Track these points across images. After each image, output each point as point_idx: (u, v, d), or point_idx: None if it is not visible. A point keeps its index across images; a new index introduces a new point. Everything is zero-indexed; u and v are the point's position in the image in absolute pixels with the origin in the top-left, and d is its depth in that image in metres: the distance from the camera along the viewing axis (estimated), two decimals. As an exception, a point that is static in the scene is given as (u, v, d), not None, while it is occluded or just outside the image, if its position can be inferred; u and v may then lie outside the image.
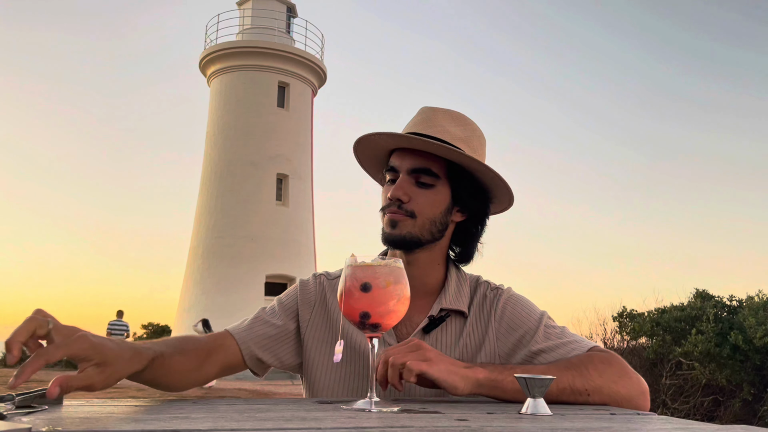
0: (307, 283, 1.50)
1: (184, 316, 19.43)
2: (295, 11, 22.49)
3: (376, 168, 1.53)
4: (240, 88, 20.51)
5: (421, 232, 1.38)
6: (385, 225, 1.40)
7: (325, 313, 1.46)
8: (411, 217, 1.37)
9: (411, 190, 1.38)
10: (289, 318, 1.46)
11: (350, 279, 1.08)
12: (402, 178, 1.39)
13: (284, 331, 1.45)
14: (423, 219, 1.38)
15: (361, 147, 1.48)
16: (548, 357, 1.35)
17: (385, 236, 1.40)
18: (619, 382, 1.27)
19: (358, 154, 1.51)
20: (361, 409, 1.04)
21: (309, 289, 1.48)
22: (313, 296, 1.47)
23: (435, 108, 1.45)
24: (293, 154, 20.70)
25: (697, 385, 10.17)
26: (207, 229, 19.87)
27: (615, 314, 11.48)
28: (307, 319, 1.46)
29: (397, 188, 1.37)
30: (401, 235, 1.37)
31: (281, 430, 0.81)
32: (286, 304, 1.47)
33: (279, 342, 1.44)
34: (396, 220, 1.37)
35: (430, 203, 1.38)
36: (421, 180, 1.38)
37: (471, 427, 0.88)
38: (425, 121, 1.42)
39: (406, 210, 1.37)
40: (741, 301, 10.54)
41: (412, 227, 1.37)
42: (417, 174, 1.38)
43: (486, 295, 1.46)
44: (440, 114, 1.43)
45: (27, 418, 0.85)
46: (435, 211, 1.39)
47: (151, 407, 1.02)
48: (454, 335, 1.42)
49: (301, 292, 1.48)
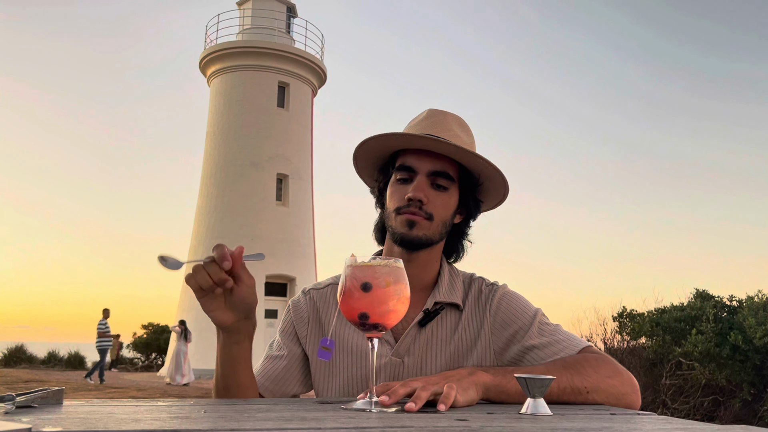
0: (298, 302, 1.53)
1: (184, 316, 19.40)
2: (295, 11, 22.48)
3: (372, 168, 1.53)
4: (240, 88, 20.49)
5: (434, 234, 1.40)
6: (399, 225, 1.40)
7: (319, 326, 1.49)
8: (429, 219, 1.39)
9: (428, 191, 1.39)
10: (293, 342, 1.51)
11: (350, 279, 1.08)
12: (421, 179, 1.39)
13: (293, 358, 1.49)
14: (438, 221, 1.40)
15: (370, 145, 1.46)
16: (540, 353, 1.38)
17: (400, 237, 1.40)
18: (614, 379, 1.30)
19: (362, 152, 1.49)
20: (361, 409, 1.04)
21: (301, 307, 1.52)
22: (306, 313, 1.51)
23: (445, 112, 1.47)
24: (293, 154, 20.68)
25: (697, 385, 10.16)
26: (207, 229, 19.85)
27: (615, 314, 11.47)
28: (305, 336, 1.50)
29: (418, 189, 1.38)
30: (418, 237, 1.39)
31: (281, 430, 0.81)
32: (286, 331, 1.52)
33: (291, 371, 1.48)
34: (415, 222, 1.38)
35: (444, 206, 1.41)
36: (438, 182, 1.40)
37: (471, 427, 0.88)
38: (438, 124, 1.43)
39: (425, 212, 1.38)
40: (741, 301, 10.53)
41: (427, 229, 1.39)
42: (435, 176, 1.40)
43: (482, 290, 1.49)
44: (450, 118, 1.46)
45: (27, 418, 0.85)
46: (447, 213, 1.42)
47: (151, 407, 1.02)
48: (450, 329, 1.44)
49: (294, 312, 1.52)
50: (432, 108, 1.49)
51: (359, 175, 1.56)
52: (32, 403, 0.97)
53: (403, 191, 1.40)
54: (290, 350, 1.49)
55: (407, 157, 1.42)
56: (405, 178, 1.41)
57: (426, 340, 1.42)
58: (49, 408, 0.97)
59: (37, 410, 0.94)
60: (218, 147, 20.40)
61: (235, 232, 19.37)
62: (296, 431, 0.81)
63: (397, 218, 1.40)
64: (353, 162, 1.53)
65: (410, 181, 1.40)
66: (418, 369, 1.40)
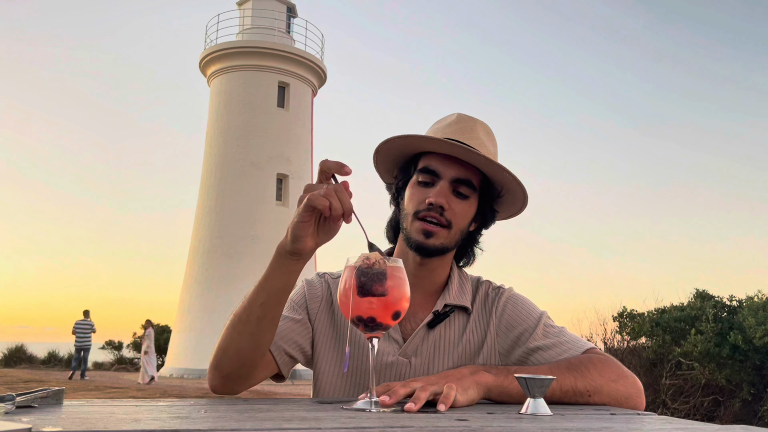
0: (312, 281, 1.51)
1: (185, 316, 19.42)
2: (295, 11, 22.48)
3: (392, 164, 1.50)
4: (240, 88, 20.48)
5: (450, 242, 1.39)
6: (416, 233, 1.37)
7: (330, 310, 1.47)
8: (447, 228, 1.37)
9: (450, 198, 1.37)
10: (304, 311, 1.47)
11: (351, 279, 1.08)
12: (444, 185, 1.37)
13: (303, 322, 1.45)
14: (456, 229, 1.39)
15: (395, 143, 1.43)
16: (545, 354, 1.38)
17: (417, 244, 1.38)
18: (618, 382, 1.29)
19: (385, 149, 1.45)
20: (361, 409, 1.04)
21: (315, 286, 1.50)
22: (320, 292, 1.49)
23: (474, 119, 1.45)
24: (293, 154, 20.67)
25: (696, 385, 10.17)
26: (207, 229, 19.85)
27: (615, 314, 11.48)
28: (315, 313, 1.47)
29: (441, 195, 1.36)
30: (435, 246, 1.38)
31: (281, 430, 0.81)
32: (296, 301, 1.48)
33: (300, 334, 1.44)
34: (432, 232, 1.36)
35: (463, 214, 1.39)
36: (460, 190, 1.38)
37: (471, 427, 0.88)
38: (467, 131, 1.41)
39: (446, 218, 1.37)
40: (741, 301, 10.53)
41: (445, 238, 1.38)
42: (457, 184, 1.38)
43: (488, 293, 1.49)
44: (479, 126, 1.44)
45: (27, 418, 0.85)
46: (465, 222, 1.41)
47: (151, 407, 1.02)
48: (458, 332, 1.44)
49: (308, 288, 1.49)
50: (461, 113, 1.46)
51: (376, 169, 1.52)
52: (32, 403, 0.97)
53: (424, 194, 1.38)
54: (302, 317, 1.45)
55: (432, 160, 1.40)
56: (427, 182, 1.39)
57: (434, 342, 1.42)
58: (49, 408, 0.97)
59: (37, 410, 0.94)
60: (218, 147, 20.39)
61: (235, 232, 19.38)
62: (296, 431, 0.81)
63: (414, 223, 1.38)
64: (374, 155, 1.49)
65: (432, 185, 1.38)
66: (425, 370, 1.40)
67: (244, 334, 1.28)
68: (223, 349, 1.30)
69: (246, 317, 1.26)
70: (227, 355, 1.30)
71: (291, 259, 1.21)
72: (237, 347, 1.29)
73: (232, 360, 1.30)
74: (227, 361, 1.30)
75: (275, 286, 1.23)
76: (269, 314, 1.26)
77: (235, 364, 1.30)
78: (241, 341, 1.29)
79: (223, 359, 1.31)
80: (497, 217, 1.51)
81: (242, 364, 1.31)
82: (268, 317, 1.26)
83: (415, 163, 1.44)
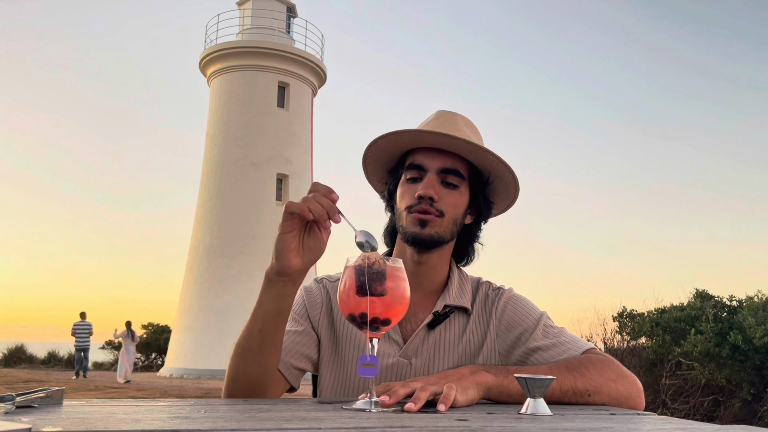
0: (310, 289, 1.51)
1: (185, 316, 19.41)
2: (295, 11, 22.47)
3: (382, 171, 1.52)
4: (240, 88, 20.47)
5: (445, 232, 1.40)
6: (410, 224, 1.39)
7: (330, 315, 1.48)
8: (440, 216, 1.38)
9: (439, 189, 1.39)
10: (306, 321, 1.47)
11: (351, 279, 1.08)
12: (431, 177, 1.39)
13: (306, 332, 1.46)
14: (448, 219, 1.39)
15: (379, 145, 1.45)
16: (545, 354, 1.38)
17: (412, 236, 1.39)
18: (618, 382, 1.29)
19: (371, 155, 1.48)
20: (361, 409, 1.04)
21: (314, 292, 1.50)
22: (319, 299, 1.49)
23: (453, 112, 1.47)
24: (293, 154, 20.67)
25: (696, 385, 10.17)
26: (207, 229, 19.84)
27: (615, 314, 11.48)
28: (317, 320, 1.47)
29: (429, 186, 1.37)
30: (430, 235, 1.38)
31: (281, 430, 0.81)
32: (296, 312, 1.49)
33: (306, 344, 1.44)
34: (426, 221, 1.37)
35: (454, 204, 1.40)
36: (448, 180, 1.40)
37: (471, 427, 0.88)
38: (448, 124, 1.43)
39: (436, 208, 1.38)
40: (741, 301, 10.53)
41: (439, 227, 1.39)
42: (445, 174, 1.39)
43: (488, 294, 1.49)
44: (459, 119, 1.46)
45: (27, 418, 0.85)
46: (458, 212, 1.41)
47: (151, 407, 1.02)
48: (458, 332, 1.44)
49: (307, 296, 1.50)
50: (441, 109, 1.49)
51: (369, 180, 1.55)
52: (32, 403, 0.97)
53: (414, 190, 1.39)
54: (305, 327, 1.46)
55: (417, 155, 1.42)
56: (415, 177, 1.41)
57: (434, 343, 1.42)
58: (49, 408, 0.96)
59: (37, 410, 0.94)
60: (218, 147, 20.38)
61: (235, 232, 19.37)
62: (296, 431, 0.81)
63: (408, 217, 1.39)
64: (363, 166, 1.52)
65: (420, 179, 1.40)
66: (426, 371, 1.40)
67: (248, 362, 1.28)
68: (233, 379, 1.31)
69: (248, 345, 1.27)
70: (237, 384, 1.31)
71: (279, 282, 1.21)
72: (245, 375, 1.30)
73: (243, 388, 1.31)
74: (239, 389, 1.31)
75: (269, 312, 1.24)
76: (268, 340, 1.26)
77: (247, 391, 1.31)
78: (248, 369, 1.29)
79: (234, 389, 1.31)
80: (495, 210, 1.51)
81: (253, 390, 1.31)
82: (268, 343, 1.26)
83: (403, 164, 1.46)
